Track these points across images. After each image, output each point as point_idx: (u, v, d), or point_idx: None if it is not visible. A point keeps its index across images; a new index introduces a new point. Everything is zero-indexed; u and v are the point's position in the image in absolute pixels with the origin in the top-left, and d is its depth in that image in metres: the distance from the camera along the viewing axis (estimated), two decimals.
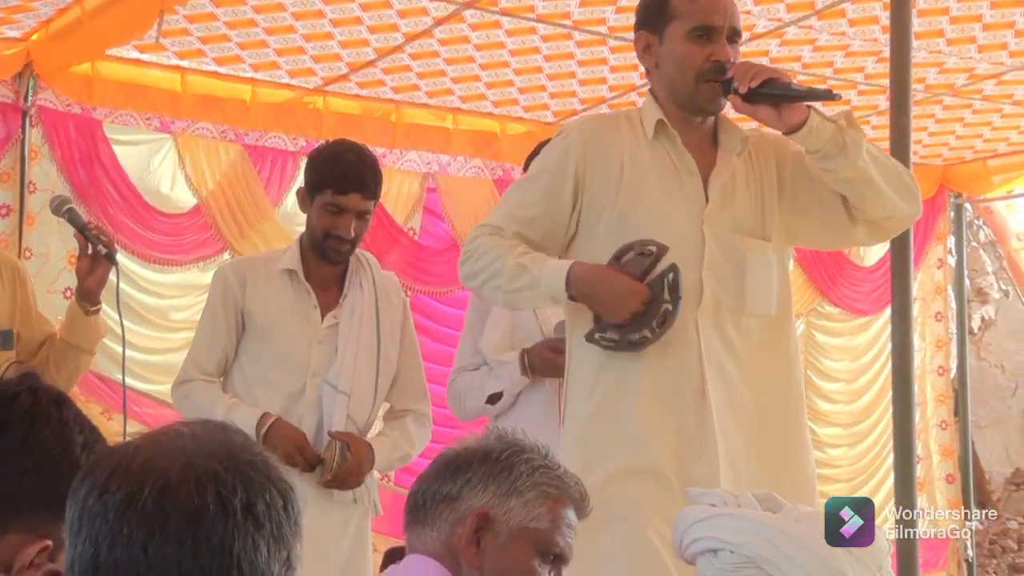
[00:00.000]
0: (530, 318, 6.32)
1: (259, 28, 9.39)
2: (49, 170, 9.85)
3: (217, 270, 6.73)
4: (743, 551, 3.20)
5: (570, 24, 9.57)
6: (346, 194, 6.06)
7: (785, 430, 5.11)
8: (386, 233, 10.90)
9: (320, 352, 6.11)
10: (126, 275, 9.69)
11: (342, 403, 6.03)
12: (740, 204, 5.19)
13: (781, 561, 3.17)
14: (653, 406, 4.98)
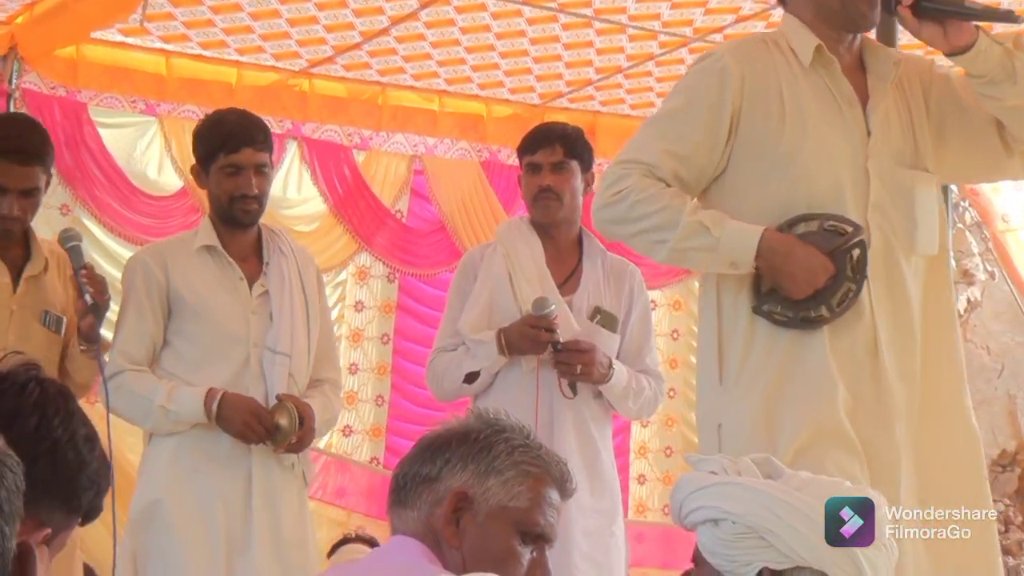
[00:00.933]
0: (509, 298, 6.28)
1: (244, 12, 9.49)
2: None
3: (131, 257, 6.76)
4: (745, 521, 3.20)
5: (555, 6, 9.64)
6: (239, 151, 6.10)
7: (952, 386, 4.86)
8: (373, 216, 11.01)
9: (256, 321, 6.13)
10: (116, 259, 9.91)
11: (283, 364, 6.05)
12: (896, 135, 4.89)
13: (783, 531, 3.17)
14: (831, 368, 4.71)
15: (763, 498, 3.23)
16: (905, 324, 4.80)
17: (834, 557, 3.20)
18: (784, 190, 4.79)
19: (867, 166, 4.78)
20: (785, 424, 4.73)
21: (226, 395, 5.93)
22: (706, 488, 3.29)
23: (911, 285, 4.81)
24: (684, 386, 12.38)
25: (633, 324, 6.54)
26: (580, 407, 6.31)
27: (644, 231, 4.86)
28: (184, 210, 10.43)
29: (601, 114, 11.72)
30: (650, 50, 10.47)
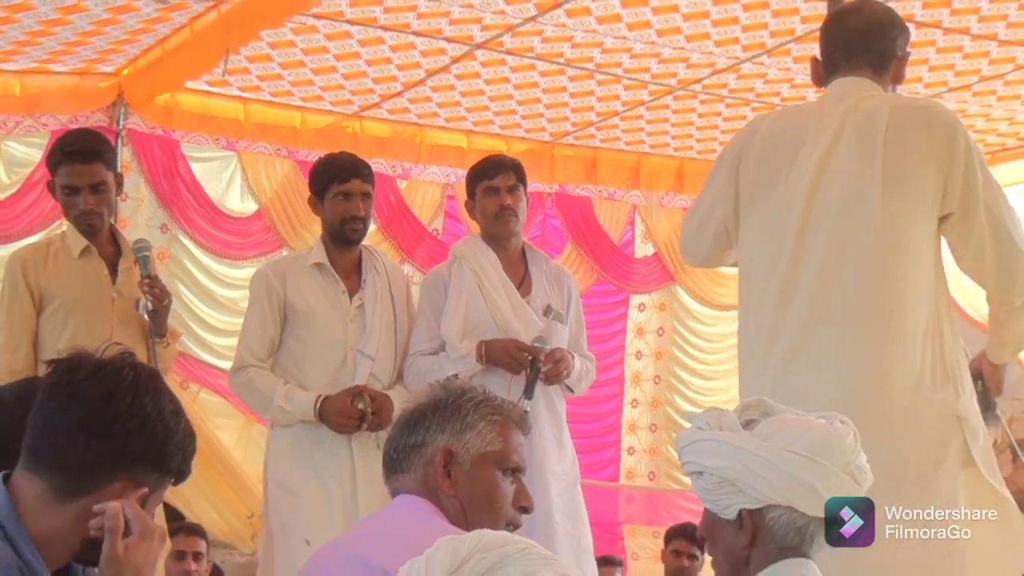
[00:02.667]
0: (482, 305, 6.19)
1: (306, 68, 9.66)
2: (138, 182, 10.10)
3: (256, 272, 6.75)
4: (719, 473, 3.18)
5: (563, 61, 9.69)
6: (349, 180, 6.18)
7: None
8: (414, 233, 11.11)
9: (352, 329, 6.17)
10: (206, 270, 10.19)
11: (366, 365, 6.10)
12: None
13: (752, 479, 3.13)
14: None
15: (733, 451, 3.17)
16: None
17: (798, 493, 3.12)
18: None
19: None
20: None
21: (325, 400, 6.01)
22: (690, 445, 3.25)
23: None
24: (667, 374, 12.61)
25: (572, 317, 6.47)
26: (549, 393, 6.26)
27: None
28: (259, 229, 10.61)
29: (601, 149, 11.76)
30: (641, 97, 10.52)
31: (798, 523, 3.13)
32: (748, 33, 9.31)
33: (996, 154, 11.53)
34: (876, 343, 4.43)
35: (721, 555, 3.27)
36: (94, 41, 9.11)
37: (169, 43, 9.25)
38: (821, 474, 3.09)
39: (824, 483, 3.09)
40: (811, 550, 3.18)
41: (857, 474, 3.16)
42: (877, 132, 4.45)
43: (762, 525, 3.14)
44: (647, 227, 12.41)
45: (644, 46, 9.46)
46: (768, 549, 3.16)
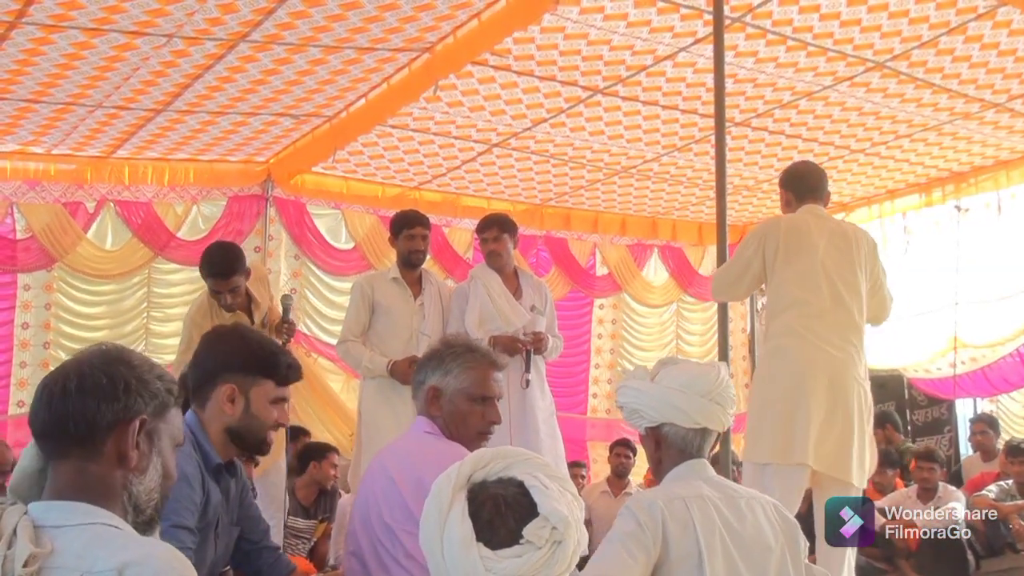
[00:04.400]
0: (491, 309, 6.32)
1: (384, 158, 9.88)
2: (279, 230, 10.36)
3: (355, 282, 6.91)
4: (629, 406, 3.19)
5: (549, 155, 9.84)
6: (413, 227, 6.42)
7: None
8: (453, 260, 11.21)
9: (416, 319, 6.38)
10: (324, 283, 10.36)
11: (425, 342, 6.09)
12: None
13: (644, 407, 3.13)
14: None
15: (634, 391, 3.18)
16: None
17: (673, 413, 3.11)
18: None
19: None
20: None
21: (393, 364, 6.19)
22: (618, 391, 3.26)
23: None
24: (618, 347, 12.71)
25: (548, 312, 6.60)
26: (536, 360, 6.36)
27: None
28: (356, 258, 10.74)
29: (572, 208, 11.77)
30: (598, 176, 10.59)
31: (681, 433, 3.12)
32: (665, 137, 9.45)
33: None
34: (858, 338, 5.10)
35: (649, 459, 3.30)
36: (253, 142, 9.36)
37: (299, 143, 9.46)
38: (686, 400, 3.09)
39: (688, 406, 3.09)
40: (699, 452, 3.14)
41: (720, 400, 3.12)
42: (848, 241, 5.18)
43: (660, 436, 3.15)
44: (603, 257, 12.44)
45: (600, 146, 9.61)
46: (670, 452, 3.15)
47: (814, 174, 5.45)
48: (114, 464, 2.01)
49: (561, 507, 2.28)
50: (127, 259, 9.90)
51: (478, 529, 2.28)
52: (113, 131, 8.73)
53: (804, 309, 4.99)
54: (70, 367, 2.02)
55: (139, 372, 2.05)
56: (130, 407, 2.02)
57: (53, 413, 1.99)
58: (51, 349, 9.65)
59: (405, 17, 6.90)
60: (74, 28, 6.67)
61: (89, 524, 1.91)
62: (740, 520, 3.02)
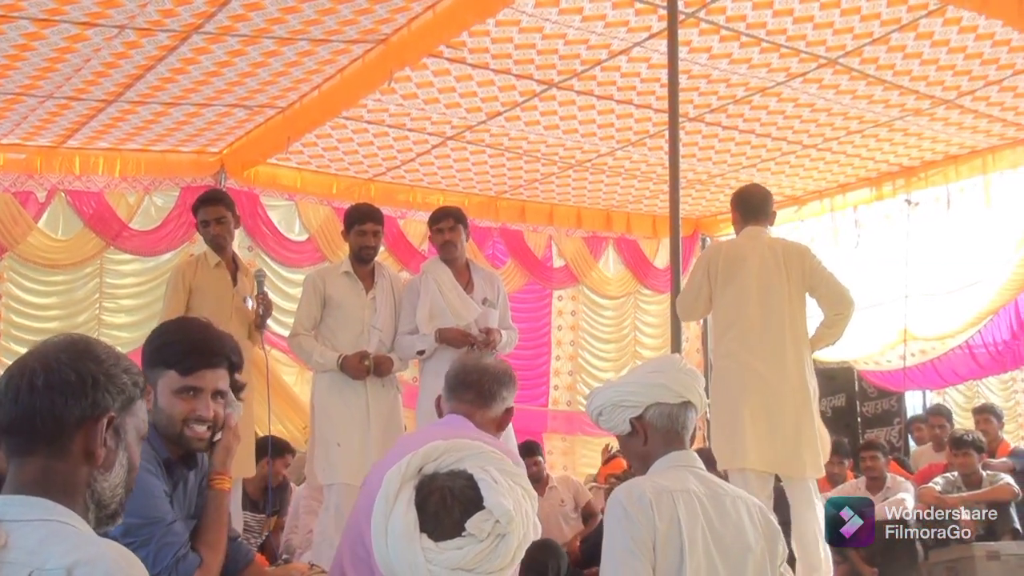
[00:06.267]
0: (441, 303, 6.28)
1: (339, 150, 9.81)
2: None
3: (307, 275, 6.81)
4: (609, 402, 3.18)
5: (504, 147, 9.85)
6: (364, 223, 6.32)
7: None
8: (408, 252, 11.20)
9: (367, 312, 6.29)
10: (278, 274, 10.21)
11: (377, 335, 6.23)
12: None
13: (626, 396, 3.15)
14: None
15: (609, 388, 3.21)
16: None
17: (655, 391, 3.14)
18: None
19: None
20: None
21: (345, 358, 6.15)
22: (590, 401, 3.27)
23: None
24: (578, 338, 12.76)
25: (500, 304, 6.54)
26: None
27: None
28: (310, 250, 10.73)
29: (527, 201, 11.78)
30: (552, 170, 10.64)
31: (666, 411, 3.13)
32: (620, 132, 9.51)
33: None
34: (793, 348, 5.64)
35: (634, 461, 3.29)
36: (206, 133, 9.31)
37: (252, 134, 9.40)
38: (665, 376, 3.16)
39: (669, 381, 3.15)
40: (684, 433, 3.16)
41: (691, 374, 3.21)
42: (777, 258, 5.72)
43: (646, 423, 3.15)
44: (559, 249, 12.49)
45: (555, 139, 9.62)
46: (656, 439, 3.14)
47: (758, 196, 5.98)
48: (80, 461, 1.98)
49: (506, 501, 2.28)
50: (78, 249, 9.83)
51: (423, 520, 2.29)
52: (64, 121, 8.65)
53: (737, 331, 5.65)
54: (36, 361, 1.97)
55: (106, 367, 2.01)
56: (98, 403, 1.98)
57: (20, 409, 1.94)
58: (2, 340, 9.56)
59: (360, 9, 6.88)
60: (24, 19, 6.60)
61: (45, 520, 1.89)
62: (723, 518, 3.05)
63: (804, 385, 5.64)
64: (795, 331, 5.68)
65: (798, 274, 5.72)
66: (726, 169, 10.58)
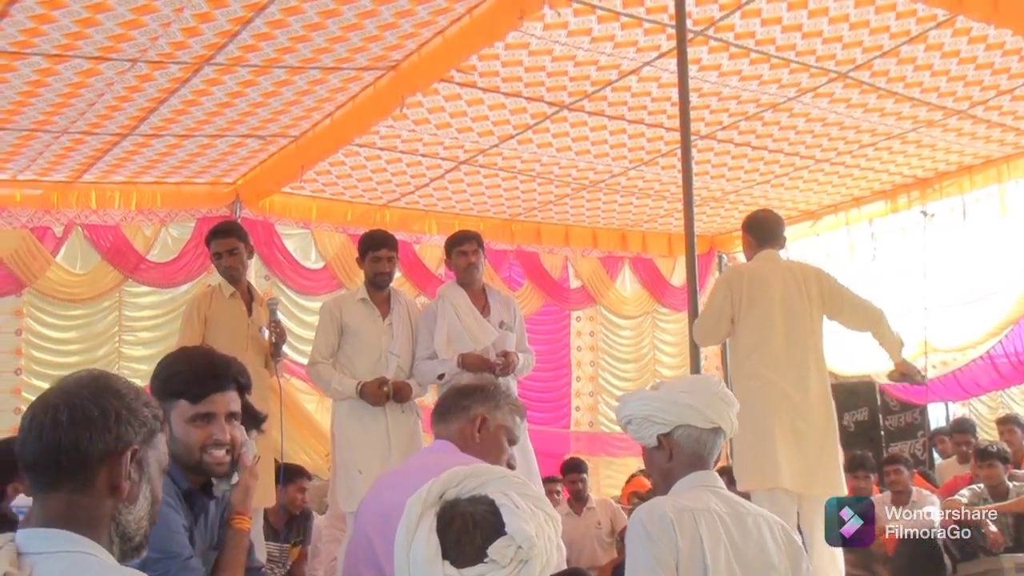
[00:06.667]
0: (459, 327, 6.27)
1: (352, 177, 9.85)
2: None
3: (323, 303, 6.85)
4: (639, 415, 3.21)
5: (516, 171, 9.88)
6: (379, 249, 6.30)
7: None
8: (425, 277, 11.20)
9: (384, 338, 6.26)
10: (295, 303, 10.19)
11: (395, 361, 6.22)
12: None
13: (658, 413, 3.16)
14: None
15: (643, 401, 3.21)
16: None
17: (687, 413, 3.14)
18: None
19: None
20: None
21: (364, 384, 6.12)
22: (622, 407, 3.28)
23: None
24: (597, 359, 12.72)
25: (517, 327, 6.50)
26: (508, 380, 6.19)
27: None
28: (326, 277, 10.74)
29: (542, 223, 11.78)
30: (566, 191, 10.65)
31: (694, 434, 3.14)
32: (632, 152, 9.51)
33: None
34: (815, 368, 5.72)
35: (656, 474, 3.30)
36: (220, 164, 9.36)
37: (266, 164, 9.44)
38: (698, 399, 3.15)
39: (700, 404, 3.15)
40: (710, 457, 3.18)
41: (725, 398, 3.19)
42: (798, 281, 5.77)
43: (673, 442, 3.16)
44: (575, 270, 12.47)
45: (567, 161, 9.65)
46: (682, 459, 3.15)
47: (772, 221, 6.06)
48: (105, 495, 1.99)
49: (528, 527, 2.26)
50: (97, 282, 9.88)
51: (445, 547, 2.27)
52: (79, 156, 8.71)
53: (762, 353, 5.67)
54: (59, 397, 1.98)
55: (127, 401, 2.02)
56: (121, 437, 1.99)
57: (44, 445, 1.95)
58: (23, 375, 9.62)
59: (369, 36, 6.92)
60: (37, 55, 6.66)
61: (69, 552, 1.90)
62: (745, 537, 3.05)
63: (828, 404, 5.72)
64: (816, 351, 5.76)
65: (817, 296, 5.79)
66: (740, 186, 10.56)
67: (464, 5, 6.81)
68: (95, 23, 6.29)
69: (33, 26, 6.27)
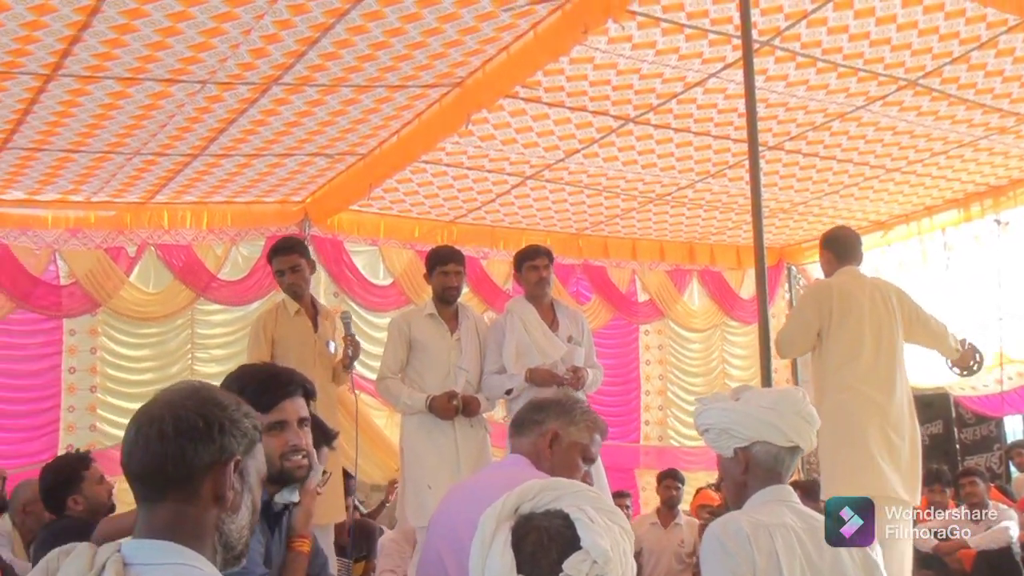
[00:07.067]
0: (528, 342, 6.31)
1: (420, 194, 9.92)
2: (318, 268, 9.53)
3: (392, 319, 6.93)
4: (718, 426, 3.20)
5: (583, 185, 9.92)
6: (447, 264, 6.37)
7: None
8: (493, 292, 11.21)
9: (453, 353, 6.33)
10: (364, 319, 10.20)
11: (463, 376, 6.28)
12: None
13: (737, 426, 3.15)
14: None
15: (724, 412, 3.19)
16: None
17: (767, 430, 3.13)
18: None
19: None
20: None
21: (432, 400, 6.18)
22: (701, 413, 3.27)
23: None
24: (666, 372, 12.69)
25: (585, 342, 6.51)
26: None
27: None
28: (395, 294, 10.76)
29: (609, 236, 11.76)
30: (632, 205, 10.63)
31: (772, 451, 3.13)
32: (699, 164, 9.47)
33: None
34: (900, 381, 5.85)
35: (728, 484, 3.29)
36: (289, 183, 9.46)
37: (334, 182, 9.53)
38: (779, 417, 3.13)
39: (782, 423, 3.13)
40: (785, 473, 3.17)
41: (807, 417, 3.17)
42: (885, 297, 5.94)
43: (750, 456, 3.15)
44: (643, 283, 12.43)
45: (634, 174, 9.62)
46: (757, 473, 3.15)
47: (852, 238, 6.25)
48: (210, 505, 2.03)
49: (604, 541, 2.25)
50: (170, 301, 10.02)
51: (520, 561, 2.26)
52: (151, 177, 8.84)
53: (854, 367, 5.75)
54: (164, 409, 2.02)
55: (230, 412, 2.07)
56: (225, 448, 2.03)
57: (151, 456, 1.99)
58: (98, 393, 9.78)
59: (435, 54, 6.95)
60: (109, 78, 6.77)
61: (174, 564, 1.94)
62: (820, 552, 3.03)
63: (913, 416, 5.86)
64: (901, 364, 5.90)
65: (897, 311, 5.94)
66: (808, 197, 10.48)
67: (528, 21, 6.82)
68: (166, 46, 6.39)
69: (105, 50, 6.37)
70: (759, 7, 6.63)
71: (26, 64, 6.46)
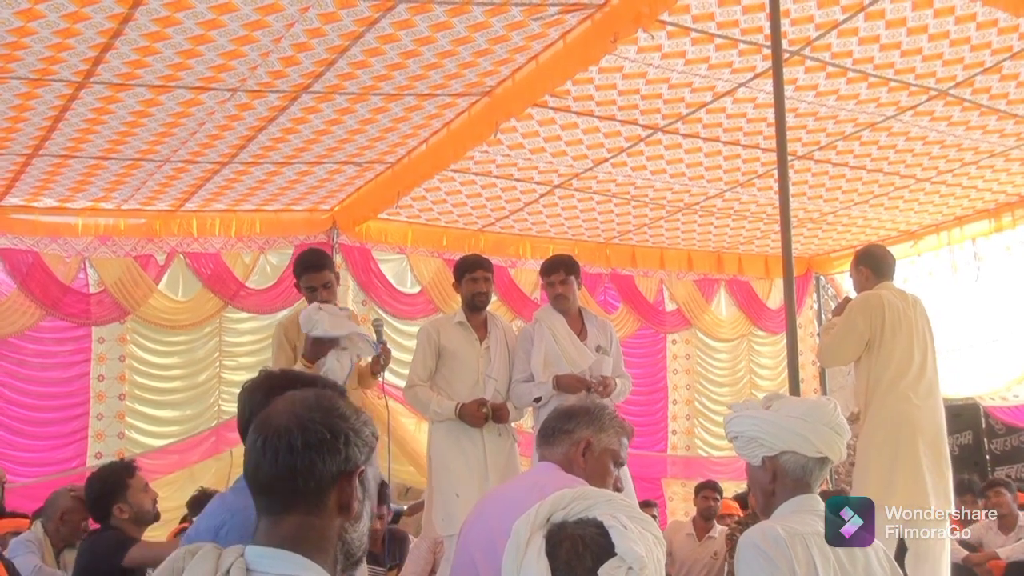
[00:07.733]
0: (556, 351, 6.27)
1: (448, 203, 9.94)
2: (346, 277, 10.28)
3: (421, 327, 6.80)
4: (747, 434, 3.21)
5: (611, 194, 9.84)
6: (475, 271, 6.36)
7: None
8: (521, 301, 11.24)
9: (482, 362, 6.32)
10: (392, 327, 10.15)
11: (492, 384, 6.25)
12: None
13: (767, 436, 3.16)
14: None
15: (754, 420, 3.20)
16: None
17: (796, 441, 3.13)
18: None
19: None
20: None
21: (461, 407, 6.16)
22: (731, 420, 3.27)
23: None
24: (694, 382, 12.66)
25: (613, 351, 6.50)
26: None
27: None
28: (423, 302, 10.81)
29: (636, 246, 11.76)
30: (660, 214, 10.60)
31: (800, 462, 3.14)
32: (728, 173, 9.44)
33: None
34: (938, 390, 6.06)
35: (756, 492, 3.30)
36: (318, 191, 9.50)
37: (363, 190, 9.57)
38: (808, 428, 3.14)
39: (812, 434, 3.14)
40: (814, 483, 3.18)
41: (837, 428, 3.17)
42: (923, 311, 6.15)
43: (779, 465, 3.16)
44: (671, 293, 12.42)
45: (662, 183, 9.61)
46: (785, 483, 3.16)
47: (888, 255, 6.35)
48: (335, 515, 2.03)
49: (638, 548, 2.26)
50: (198, 309, 10.08)
51: (555, 569, 2.27)
52: (181, 185, 8.91)
53: (905, 379, 5.91)
54: (291, 421, 2.02)
55: (353, 422, 2.06)
56: (351, 459, 2.03)
57: (280, 469, 1.99)
58: (126, 400, 9.83)
59: (464, 63, 6.97)
60: (141, 86, 6.82)
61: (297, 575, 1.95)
62: (853, 562, 3.04)
63: (944, 426, 6.04)
64: (937, 376, 6.09)
65: (928, 325, 6.14)
66: (838, 207, 10.44)
67: (557, 30, 6.83)
68: (197, 54, 6.43)
69: (137, 58, 6.42)
70: (789, 17, 6.63)
71: (59, 72, 6.52)
